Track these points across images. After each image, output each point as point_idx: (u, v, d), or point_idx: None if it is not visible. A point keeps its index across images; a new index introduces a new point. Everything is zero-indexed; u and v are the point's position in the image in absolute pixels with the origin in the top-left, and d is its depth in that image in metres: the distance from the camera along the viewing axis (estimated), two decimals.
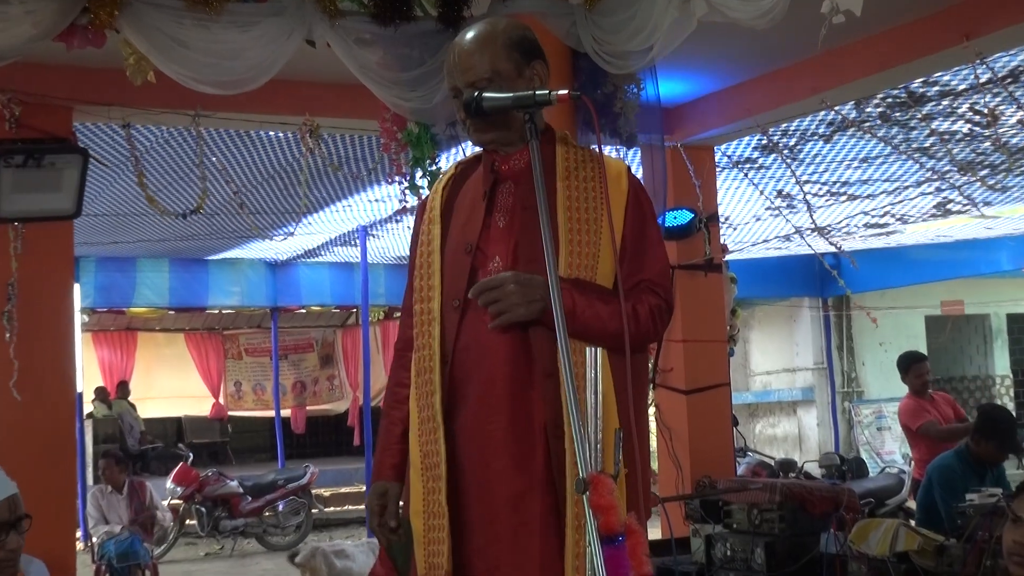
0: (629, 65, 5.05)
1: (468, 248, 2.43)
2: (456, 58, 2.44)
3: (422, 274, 2.49)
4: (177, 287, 12.29)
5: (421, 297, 2.47)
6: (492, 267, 2.40)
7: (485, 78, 2.40)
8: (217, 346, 17.44)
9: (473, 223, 2.46)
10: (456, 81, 2.44)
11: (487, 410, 2.36)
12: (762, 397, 16.10)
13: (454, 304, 2.41)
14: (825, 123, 7.26)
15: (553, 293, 2.13)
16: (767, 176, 8.55)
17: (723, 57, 6.40)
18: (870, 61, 6.03)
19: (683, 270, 7.37)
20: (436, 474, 2.36)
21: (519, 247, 2.39)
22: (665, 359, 7.41)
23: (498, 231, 2.43)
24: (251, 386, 17.44)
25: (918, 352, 8.24)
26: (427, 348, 2.42)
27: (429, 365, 2.41)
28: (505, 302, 2.30)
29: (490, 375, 2.35)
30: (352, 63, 4.93)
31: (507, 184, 2.47)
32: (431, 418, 2.39)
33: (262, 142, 7.27)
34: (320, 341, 17.46)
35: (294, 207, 8.95)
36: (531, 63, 2.47)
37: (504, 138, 2.47)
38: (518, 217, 2.42)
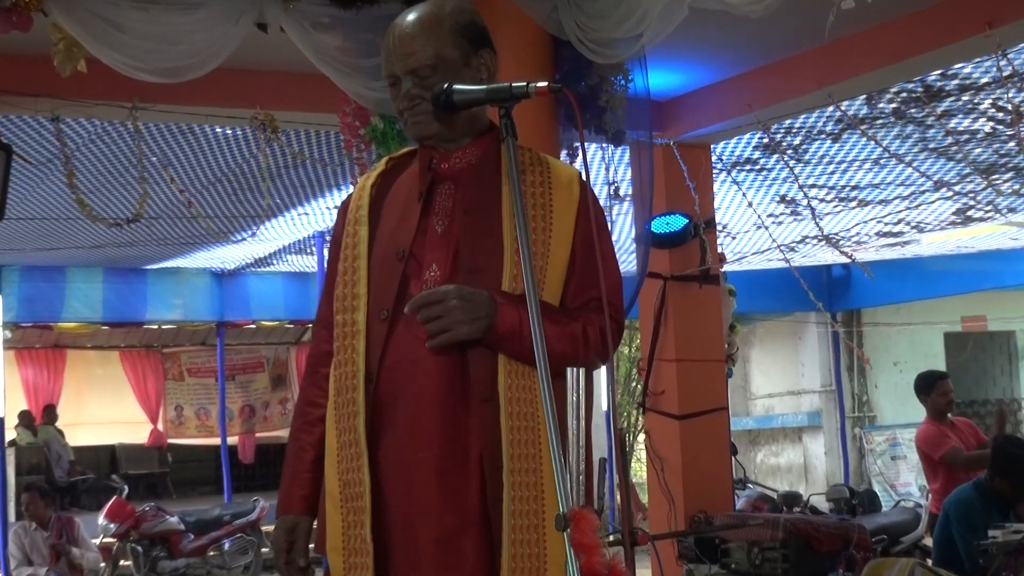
0: (616, 54, 5.07)
1: (400, 254, 2.41)
2: (395, 42, 2.44)
3: (345, 281, 2.46)
4: (111, 300, 12.21)
5: (344, 307, 2.44)
6: (428, 276, 2.39)
7: (428, 65, 2.41)
8: (156, 366, 17.32)
9: (406, 226, 2.44)
10: (394, 68, 2.45)
11: (416, 437, 2.34)
12: (764, 423, 16.14)
13: (381, 315, 2.39)
14: (833, 120, 7.30)
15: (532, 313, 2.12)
16: (769, 179, 8.60)
17: (720, 46, 6.43)
18: (882, 51, 6.08)
19: (676, 282, 7.39)
20: (359, 506, 2.33)
21: (459, 255, 2.38)
22: (656, 381, 7.42)
23: (435, 236, 2.42)
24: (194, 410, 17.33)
25: (940, 371, 8.24)
26: (349, 364, 2.39)
27: (351, 383, 2.38)
28: (448, 319, 2.28)
29: (420, 397, 2.34)
30: (309, 49, 4.93)
31: (446, 185, 2.46)
32: (353, 443, 2.36)
33: (207, 138, 7.26)
34: (271, 360, 17.39)
35: (245, 211, 8.93)
36: (479, 51, 2.48)
37: (447, 134, 2.47)
38: (458, 222, 2.41)
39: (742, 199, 8.94)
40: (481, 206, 2.42)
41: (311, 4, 4.94)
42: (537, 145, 5.14)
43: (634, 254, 6.55)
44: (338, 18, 4.94)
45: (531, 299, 2.15)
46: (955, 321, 15.60)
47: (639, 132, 5.73)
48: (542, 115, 5.12)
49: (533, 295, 2.15)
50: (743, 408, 16.25)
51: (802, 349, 15.66)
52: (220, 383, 14.55)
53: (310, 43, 4.94)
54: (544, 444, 2.29)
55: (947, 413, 7.45)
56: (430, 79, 2.40)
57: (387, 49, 2.46)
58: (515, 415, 2.30)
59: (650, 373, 7.45)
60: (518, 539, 2.27)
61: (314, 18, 4.95)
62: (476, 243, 2.38)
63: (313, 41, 4.95)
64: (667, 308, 7.41)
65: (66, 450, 16.67)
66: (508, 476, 2.28)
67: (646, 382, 7.51)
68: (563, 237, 2.39)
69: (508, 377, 2.32)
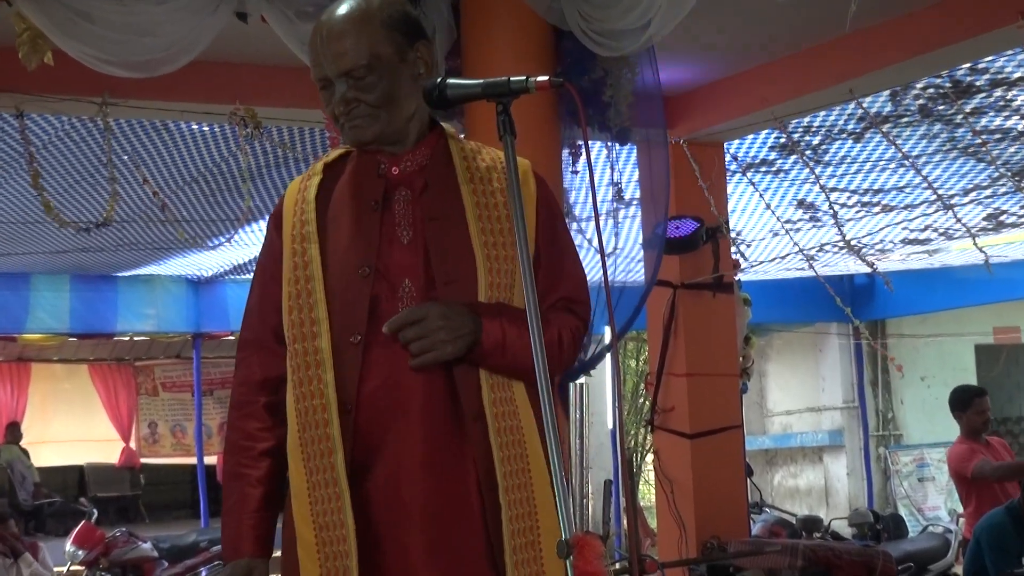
0: (622, 46, 5.07)
1: (364, 272, 2.38)
2: (323, 42, 2.43)
3: (299, 305, 2.40)
4: (80, 309, 12.20)
5: (300, 334, 2.39)
6: (403, 292, 2.38)
7: (362, 65, 2.41)
8: (128, 380, 17.32)
9: (365, 240, 2.40)
10: (325, 70, 2.43)
11: (409, 466, 2.32)
12: (781, 442, 16.12)
13: (352, 340, 2.36)
14: (855, 119, 7.31)
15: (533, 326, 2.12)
16: (786, 182, 8.60)
17: (734, 37, 6.43)
18: (907, 43, 6.08)
19: (687, 290, 7.39)
20: (341, 550, 2.30)
21: (431, 267, 2.38)
22: (665, 397, 7.42)
23: (402, 249, 2.40)
24: (169, 428, 17.33)
25: (978, 386, 8.22)
26: (317, 396, 2.35)
27: (322, 418, 2.34)
28: (432, 338, 2.29)
29: (408, 423, 2.33)
30: (292, 40, 4.93)
31: (401, 191, 2.44)
32: (330, 482, 2.32)
33: (183, 136, 7.26)
34: None
35: (223, 214, 8.93)
36: (414, 44, 2.47)
37: (390, 136, 2.45)
38: (422, 231, 2.40)
39: (756, 205, 8.94)
40: (445, 212, 2.42)
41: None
42: (537, 143, 5.17)
43: (641, 262, 6.54)
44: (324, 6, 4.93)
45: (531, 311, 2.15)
46: (987, 332, 15.59)
47: (649, 130, 5.73)
48: (542, 111, 5.12)
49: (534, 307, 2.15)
50: (759, 426, 16.23)
51: (822, 363, 15.64)
52: (197, 398, 14.53)
53: (294, 33, 4.94)
54: (532, 460, 2.32)
55: (983, 432, 7.44)
56: (365, 80, 2.40)
57: (315, 50, 2.44)
58: (502, 431, 2.32)
59: (659, 388, 7.44)
60: (519, 560, 2.30)
61: (298, 7, 4.95)
62: (447, 252, 2.38)
63: (297, 31, 4.95)
64: (677, 318, 7.41)
65: (31, 471, 16.66)
66: (504, 495, 2.30)
67: (655, 398, 7.50)
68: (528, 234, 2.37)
69: (491, 391, 2.34)
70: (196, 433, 14.63)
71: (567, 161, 5.72)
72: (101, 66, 4.59)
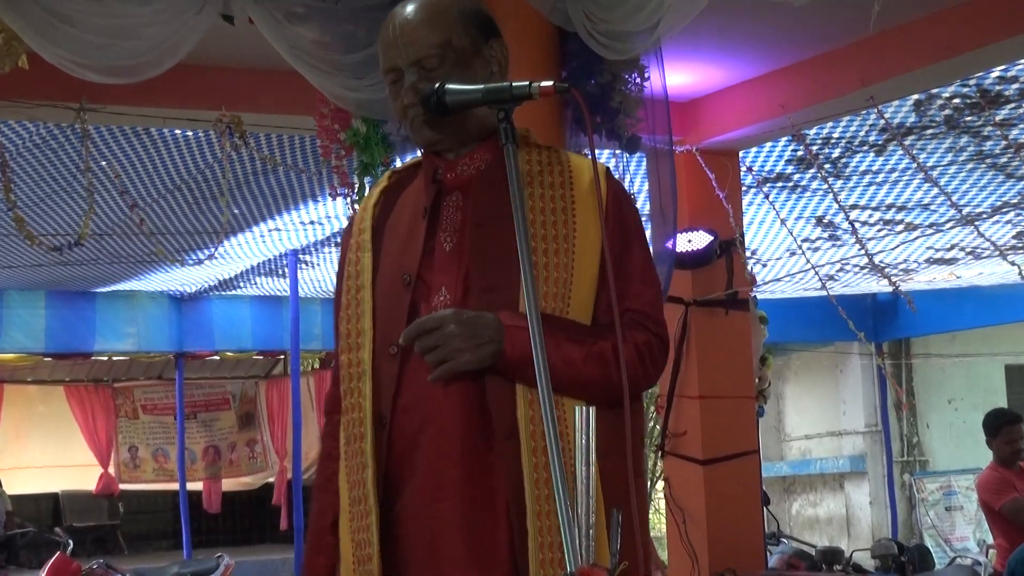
0: (630, 48, 5.08)
1: (406, 279, 2.40)
2: (397, 30, 2.43)
3: (349, 315, 2.46)
4: (55, 328, 12.20)
5: (349, 345, 2.45)
6: (437, 302, 2.38)
7: (435, 54, 2.41)
8: (106, 402, 17.30)
9: (412, 248, 2.43)
10: (397, 59, 2.43)
11: (438, 485, 2.34)
12: (800, 468, 16.10)
13: (391, 351, 2.39)
14: (876, 130, 7.31)
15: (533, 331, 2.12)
16: (804, 198, 8.60)
17: (748, 39, 6.45)
18: (933, 46, 6.09)
19: (700, 307, 7.40)
20: (367, 570, 2.35)
21: (470, 275, 2.38)
22: (676, 420, 7.42)
23: (444, 256, 2.41)
24: (150, 452, 17.30)
25: (1011, 411, 8.23)
26: (357, 410, 2.41)
27: (359, 431, 2.40)
28: (446, 347, 2.27)
29: (440, 439, 2.34)
30: (281, 43, 4.95)
31: (453, 197, 2.46)
32: (362, 499, 2.37)
33: (166, 143, 7.27)
34: (238, 396, 17.36)
35: (208, 226, 8.94)
36: (488, 41, 2.49)
37: (455, 139, 2.47)
38: (468, 237, 2.41)
39: (772, 222, 8.93)
40: (493, 217, 2.41)
41: None
42: None
43: None
44: (315, 8, 4.96)
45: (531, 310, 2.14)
46: (1018, 352, 15.58)
47: (658, 138, 5.74)
48: (547, 118, 5.12)
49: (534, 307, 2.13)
50: (776, 452, 16.22)
51: (843, 384, 15.63)
52: (179, 422, 14.53)
53: (283, 36, 4.95)
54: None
55: (1016, 461, 7.46)
56: (437, 71, 2.40)
57: (386, 39, 2.45)
58: (538, 451, 2.29)
59: (670, 411, 7.44)
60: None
61: (287, 8, 4.97)
62: (488, 259, 2.38)
63: (286, 34, 4.96)
64: (689, 337, 7.41)
65: (2, 499, 16.63)
66: (533, 521, 2.28)
67: (665, 422, 7.50)
68: (589, 246, 2.38)
69: (528, 408, 2.31)
70: (179, 458, 14.61)
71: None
72: (79, 71, 4.60)
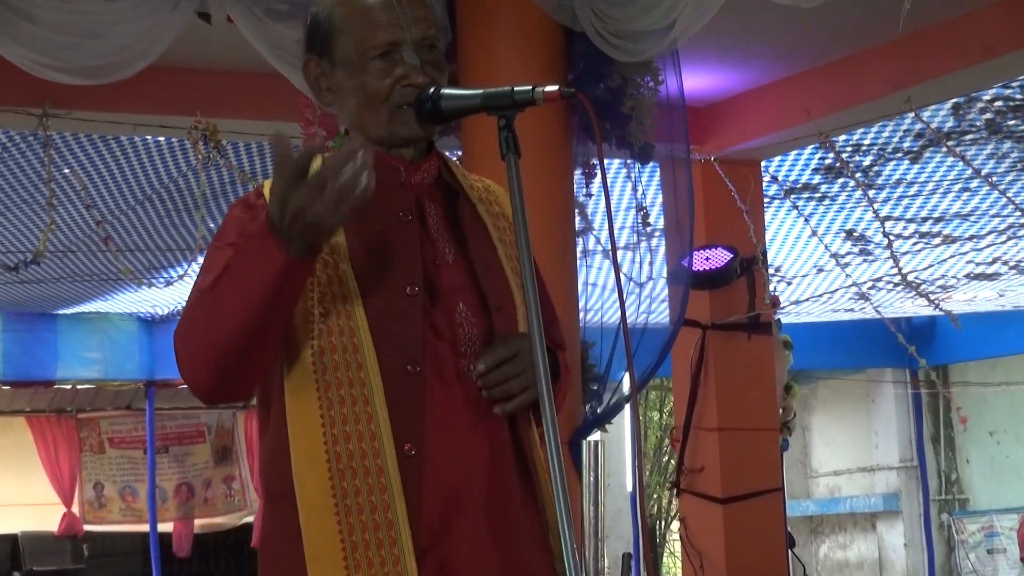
0: (643, 50, 5.10)
1: (412, 290, 2.37)
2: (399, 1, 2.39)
3: (339, 328, 2.35)
4: (14, 353, 12.20)
5: (335, 362, 2.34)
6: (460, 318, 2.38)
7: (438, 37, 2.42)
8: (70, 435, 17.28)
9: (405, 255, 2.38)
10: (396, 33, 2.38)
11: (499, 528, 2.33)
12: (828, 507, 16.08)
13: (410, 369, 2.33)
14: (912, 135, 7.33)
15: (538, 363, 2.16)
16: (833, 209, 8.60)
17: (770, 39, 6.46)
18: (971, 46, 6.10)
19: (719, 331, 7.39)
20: None
21: (483, 292, 2.40)
22: (693, 455, 7.41)
23: (448, 268, 2.41)
24: (117, 490, 17.27)
25: None
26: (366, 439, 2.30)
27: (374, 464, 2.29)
28: (527, 376, 2.30)
29: (485, 475, 2.33)
30: (262, 43, 4.97)
31: (428, 204, 2.45)
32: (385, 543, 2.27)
33: (136, 151, 7.28)
34: (214, 428, 17.35)
35: (181, 242, 8.94)
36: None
37: (426, 141, 2.47)
38: (462, 250, 2.42)
39: (798, 236, 8.93)
40: (476, 232, 2.45)
41: None
42: (546, 163, 5.20)
43: (666, 299, 6.55)
44: (299, 4, 4.97)
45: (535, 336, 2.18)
46: None
47: (673, 146, 5.75)
48: (551, 126, 5.15)
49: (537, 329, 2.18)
50: (802, 489, 16.19)
51: (875, 415, 15.61)
52: (150, 456, 14.54)
53: (263, 35, 4.98)
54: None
55: None
56: (437, 58, 2.41)
57: (380, 7, 2.39)
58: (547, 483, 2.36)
59: (685, 445, 7.43)
60: None
61: (268, 4, 4.99)
62: (491, 276, 2.41)
63: (268, 33, 4.98)
64: (707, 364, 7.41)
65: None
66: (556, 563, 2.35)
67: (681, 456, 7.49)
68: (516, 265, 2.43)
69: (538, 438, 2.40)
70: (149, 497, 14.62)
71: (580, 183, 5.73)
72: (43, 71, 4.61)
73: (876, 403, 15.56)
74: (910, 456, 15.23)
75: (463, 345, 2.35)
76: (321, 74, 2.45)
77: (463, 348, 2.35)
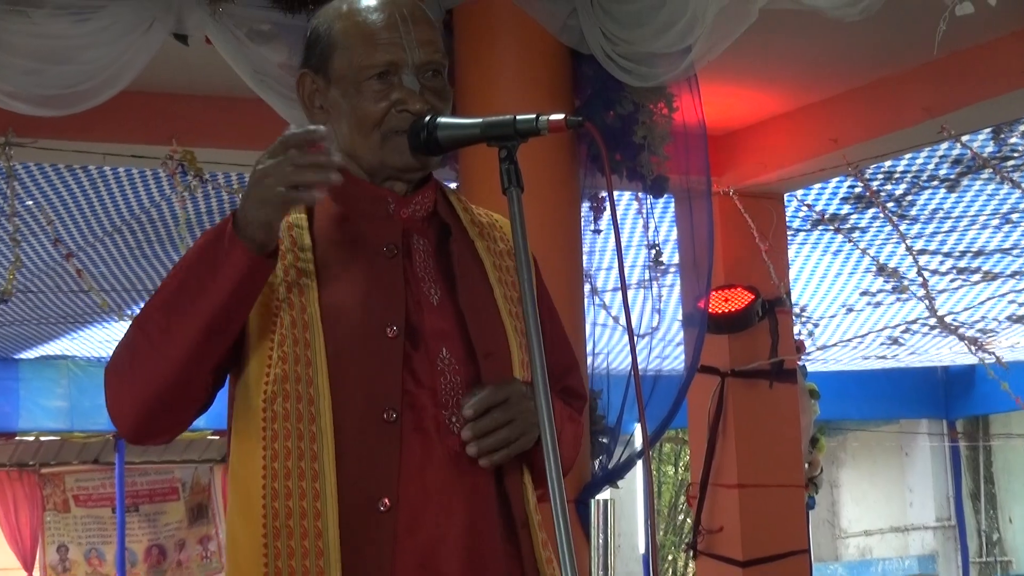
0: (657, 74, 5.11)
1: (392, 331, 2.35)
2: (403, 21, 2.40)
3: (295, 375, 2.32)
4: None
5: (285, 411, 2.31)
6: (442, 365, 2.36)
7: (444, 62, 2.45)
8: (31, 492, 17.25)
9: (385, 292, 2.37)
10: (397, 54, 2.39)
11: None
12: (859, 571, 16.05)
13: (387, 418, 2.33)
14: (948, 162, 7.33)
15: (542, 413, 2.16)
16: (862, 242, 8.59)
17: (794, 63, 6.48)
18: (1010, 69, 6.11)
19: (738, 379, 7.39)
20: None
21: (471, 337, 2.38)
22: (710, 513, 7.40)
23: (432, 310, 2.39)
24: (83, 553, 17.24)
25: None
26: (308, 496, 2.28)
27: (314, 527, 2.26)
28: (520, 424, 2.30)
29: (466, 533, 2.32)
30: (243, 66, 4.99)
31: (417, 240, 2.44)
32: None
33: (107, 183, 7.28)
34: (189, 484, 17.32)
35: (153, 278, 8.94)
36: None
37: (422, 173, 2.45)
38: (450, 290, 2.41)
39: (825, 272, 8.92)
40: (469, 271, 2.44)
41: (246, 7, 4.99)
42: (550, 197, 5.21)
43: (681, 344, 6.55)
44: (283, 25, 4.99)
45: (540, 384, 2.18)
46: None
47: (691, 178, 5.76)
48: (557, 157, 5.15)
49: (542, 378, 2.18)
50: (830, 551, 16.16)
51: (910, 470, 15.61)
52: (119, 515, 14.51)
53: (245, 58, 4.99)
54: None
55: None
56: (443, 86, 2.44)
57: (381, 27, 2.40)
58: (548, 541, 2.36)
59: (703, 503, 7.42)
60: None
61: (251, 25, 5.00)
62: (481, 320, 2.40)
63: (249, 56, 5.00)
64: (726, 415, 7.40)
65: None
66: None
67: (698, 515, 7.47)
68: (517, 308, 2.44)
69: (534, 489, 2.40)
70: (118, 561, 14.58)
71: (588, 218, 5.73)
72: (4, 100, 4.63)
73: (910, 457, 15.56)
74: (948, 515, 15.21)
75: (444, 395, 2.34)
76: (315, 91, 2.46)
77: (443, 398, 2.34)
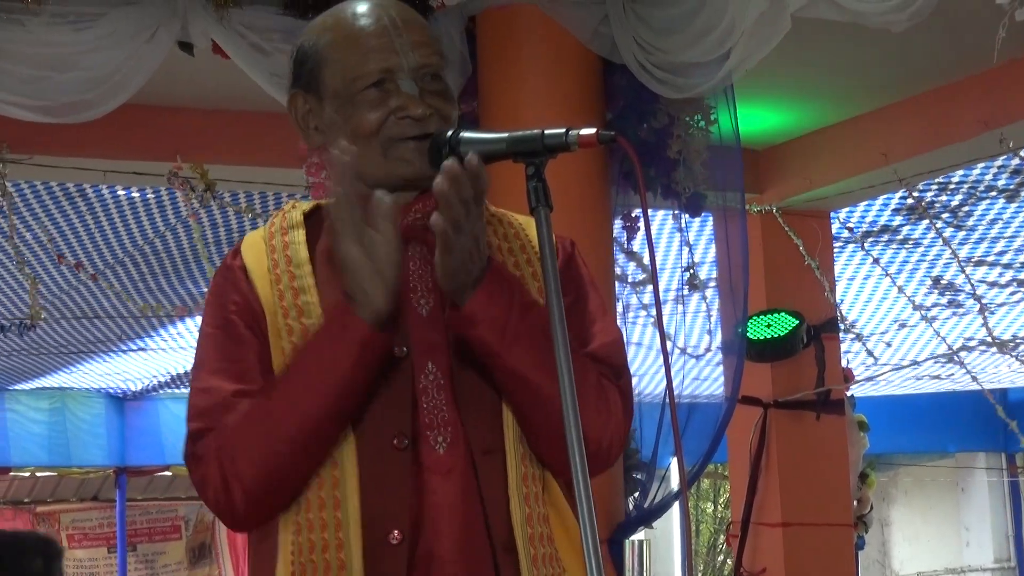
0: (693, 85, 5.13)
1: (401, 352, 2.39)
2: (394, 27, 2.43)
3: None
4: None
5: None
6: (426, 382, 2.39)
7: (442, 65, 2.47)
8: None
9: None
10: (392, 60, 2.41)
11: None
12: None
13: (397, 443, 2.36)
14: (1007, 172, 7.32)
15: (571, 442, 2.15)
16: (916, 254, 8.57)
17: (841, 72, 6.48)
18: None
19: (782, 410, 7.38)
20: None
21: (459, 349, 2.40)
22: (753, 554, 7.39)
23: (421, 322, 2.43)
24: None
25: None
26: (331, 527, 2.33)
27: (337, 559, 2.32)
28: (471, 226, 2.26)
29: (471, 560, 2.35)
30: (258, 70, 5.01)
31: (414, 247, 2.46)
32: None
33: (105, 204, 7.30)
34: (191, 523, 17.34)
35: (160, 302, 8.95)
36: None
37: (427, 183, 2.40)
38: (442, 299, 2.41)
39: (875, 288, 8.89)
40: None
41: (256, 13, 5.01)
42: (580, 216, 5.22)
43: (721, 370, 6.54)
44: (295, 31, 5.01)
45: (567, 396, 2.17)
46: None
47: (728, 195, 5.76)
48: (588, 173, 5.16)
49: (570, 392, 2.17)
50: None
51: (966, 507, 15.55)
52: (120, 555, 14.54)
53: (256, 66, 5.01)
54: None
55: None
56: (443, 89, 2.45)
57: (372, 32, 2.43)
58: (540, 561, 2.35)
59: (744, 542, 7.41)
60: None
61: (262, 32, 5.03)
62: None
63: (260, 64, 5.02)
64: (769, 448, 7.40)
65: None
66: None
67: (739, 556, 7.47)
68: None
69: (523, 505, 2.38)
70: None
71: (620, 237, 5.74)
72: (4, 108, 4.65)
73: (967, 493, 15.50)
74: (1007, 555, 15.15)
75: (428, 414, 2.37)
76: (308, 111, 2.49)
77: (428, 418, 2.37)
